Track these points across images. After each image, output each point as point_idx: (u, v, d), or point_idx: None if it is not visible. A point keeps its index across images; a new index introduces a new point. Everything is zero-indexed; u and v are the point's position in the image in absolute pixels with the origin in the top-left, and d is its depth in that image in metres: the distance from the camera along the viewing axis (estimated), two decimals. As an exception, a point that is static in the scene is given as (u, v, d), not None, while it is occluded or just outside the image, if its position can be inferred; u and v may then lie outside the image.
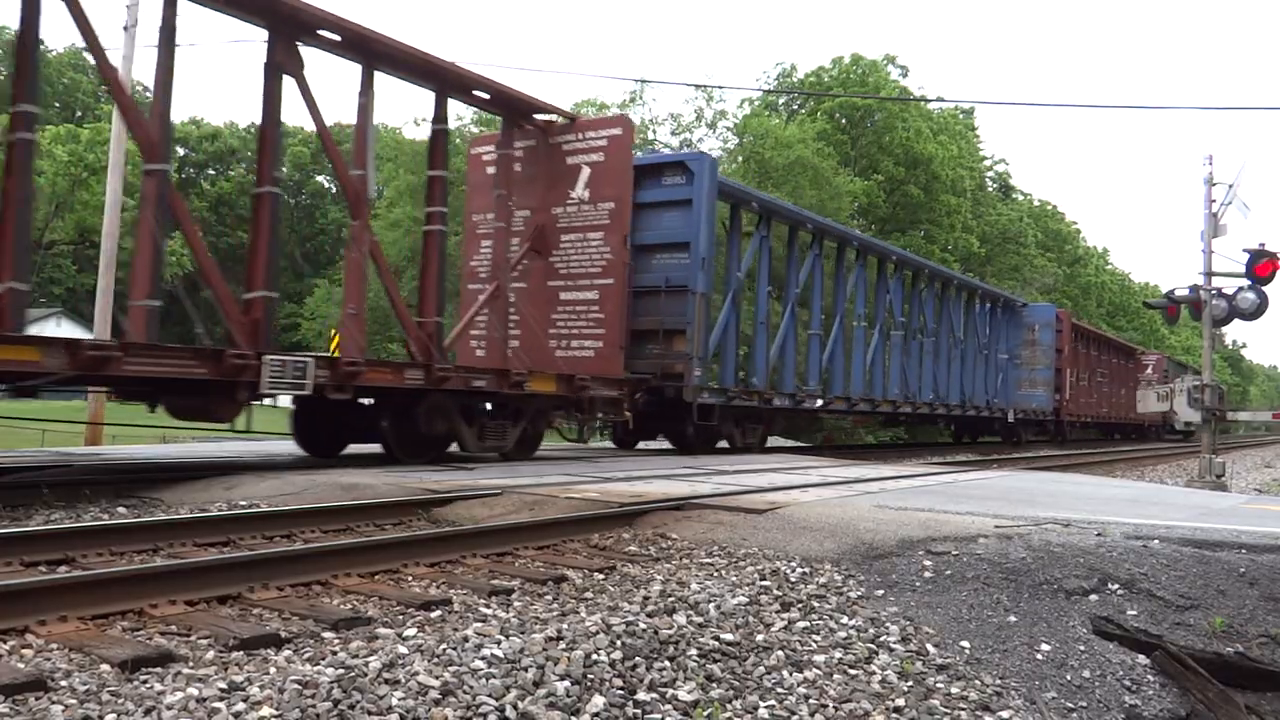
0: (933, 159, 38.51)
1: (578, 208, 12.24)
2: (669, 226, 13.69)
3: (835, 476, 9.54)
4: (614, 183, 12.06)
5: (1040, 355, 28.49)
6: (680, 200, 13.58)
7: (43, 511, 6.34)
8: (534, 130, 12.24)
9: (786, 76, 41.81)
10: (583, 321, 12.26)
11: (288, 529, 5.73)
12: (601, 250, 12.07)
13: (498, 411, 10.67)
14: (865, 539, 5.49)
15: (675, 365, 13.15)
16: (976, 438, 28.86)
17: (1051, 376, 28.59)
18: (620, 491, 7.28)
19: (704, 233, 13.48)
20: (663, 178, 13.91)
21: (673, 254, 13.62)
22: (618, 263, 11.99)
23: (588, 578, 4.78)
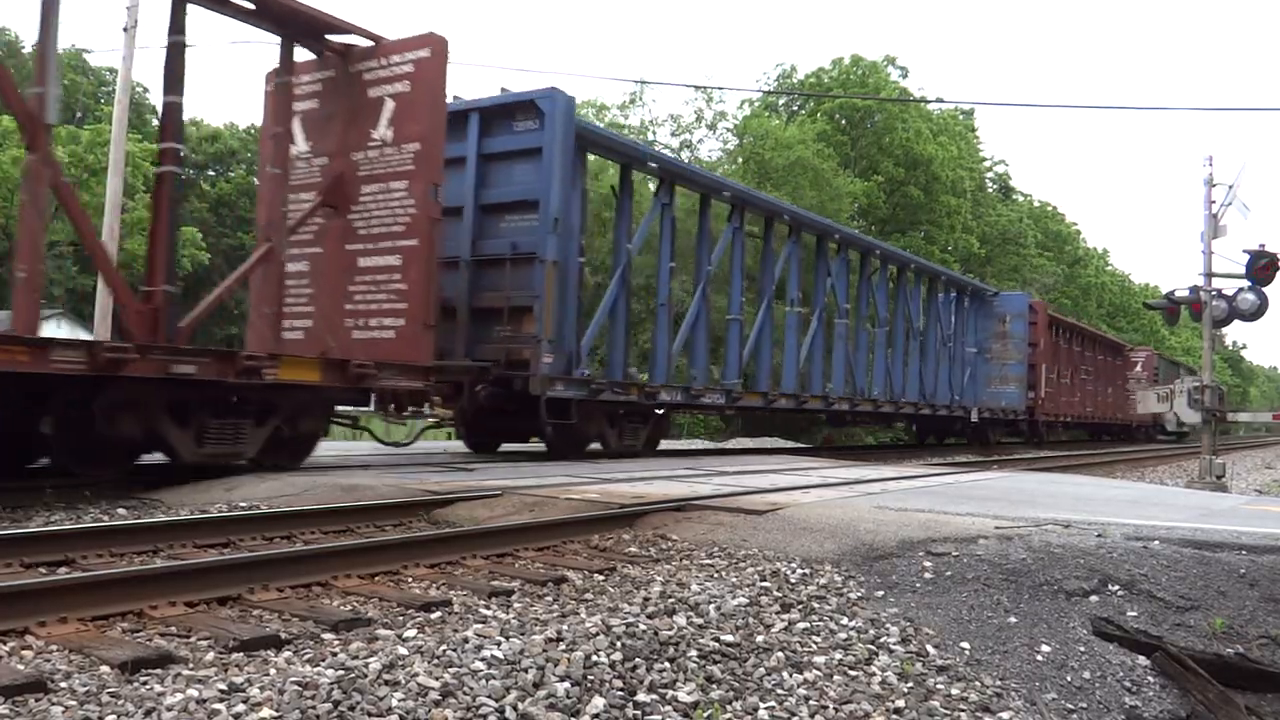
0: (933, 160, 38.53)
1: (379, 151, 9.61)
2: (520, 182, 11.51)
3: (836, 477, 9.54)
4: (420, 118, 9.44)
5: (1012, 349, 26.40)
6: (532, 149, 11.40)
7: (43, 512, 6.34)
8: (332, 57, 9.85)
9: (786, 77, 41.84)
10: (383, 294, 9.53)
11: (288, 530, 5.73)
12: (405, 204, 9.42)
13: (234, 408, 8.11)
14: (865, 540, 5.49)
15: (522, 350, 11.09)
16: (943, 439, 27.13)
17: (1025, 372, 26.49)
18: (621, 492, 7.28)
19: (556, 187, 11.20)
20: (514, 122, 11.70)
21: (523, 215, 11.47)
22: (423, 219, 9.31)
23: (588, 579, 4.78)
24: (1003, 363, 26.40)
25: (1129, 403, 37.80)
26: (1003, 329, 26.40)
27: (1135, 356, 41.14)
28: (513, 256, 11.34)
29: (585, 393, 11.60)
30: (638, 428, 12.99)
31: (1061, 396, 29.74)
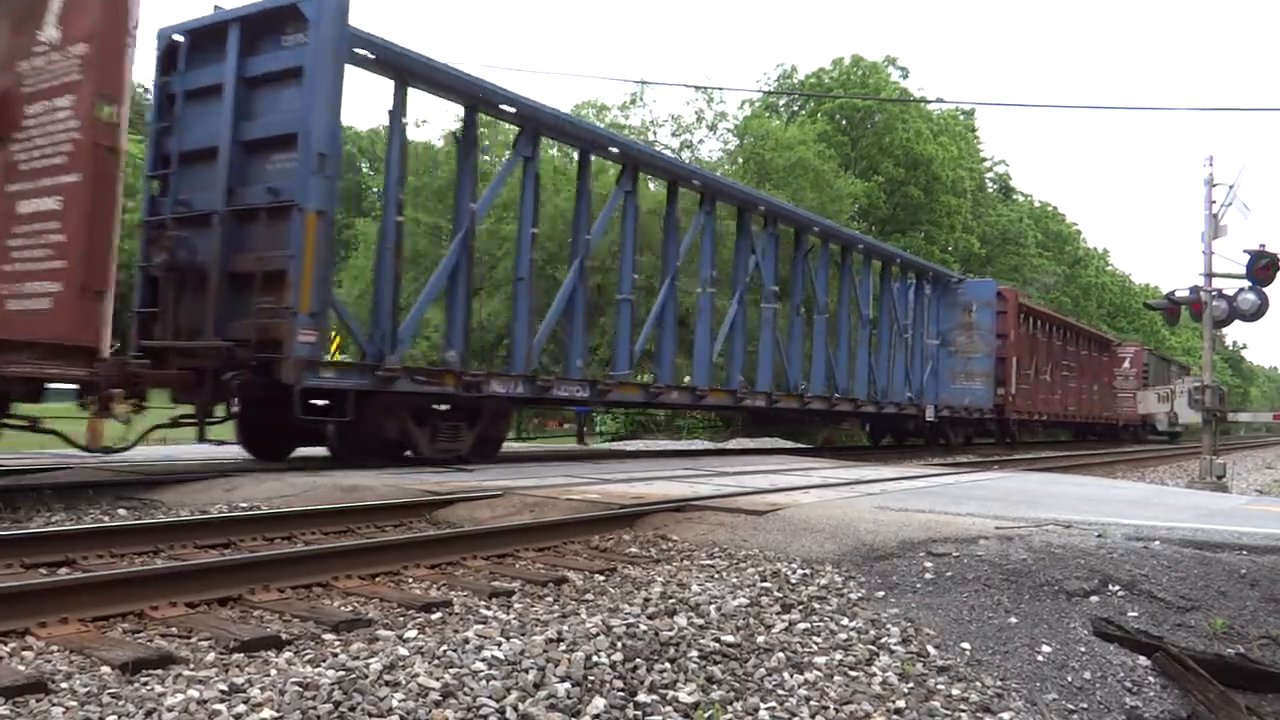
0: (933, 160, 38.51)
1: (46, 58, 7.10)
2: (286, 110, 9.10)
3: (836, 478, 9.54)
4: (92, 6, 7.02)
5: (978, 341, 23.60)
6: (296, 69, 9.03)
7: (43, 513, 6.35)
8: None
9: (787, 78, 41.83)
10: (40, 249, 6.95)
11: (288, 531, 5.73)
12: (68, 126, 6.90)
13: None
14: (866, 540, 5.49)
15: (277, 327, 8.62)
16: (901, 440, 24.74)
17: (992, 367, 23.79)
18: (621, 493, 7.28)
19: (322, 114, 8.83)
20: (282, 36, 9.26)
21: (288, 153, 9.07)
22: (87, 146, 6.85)
23: (588, 579, 4.78)
24: (968, 356, 23.69)
25: (1116, 401, 36.79)
26: (968, 319, 23.59)
27: (1123, 352, 39.17)
28: (269, 206, 8.90)
29: (369, 381, 9.34)
30: (458, 427, 10.61)
31: (1039, 394, 27.36)
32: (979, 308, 23.60)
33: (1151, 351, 43.34)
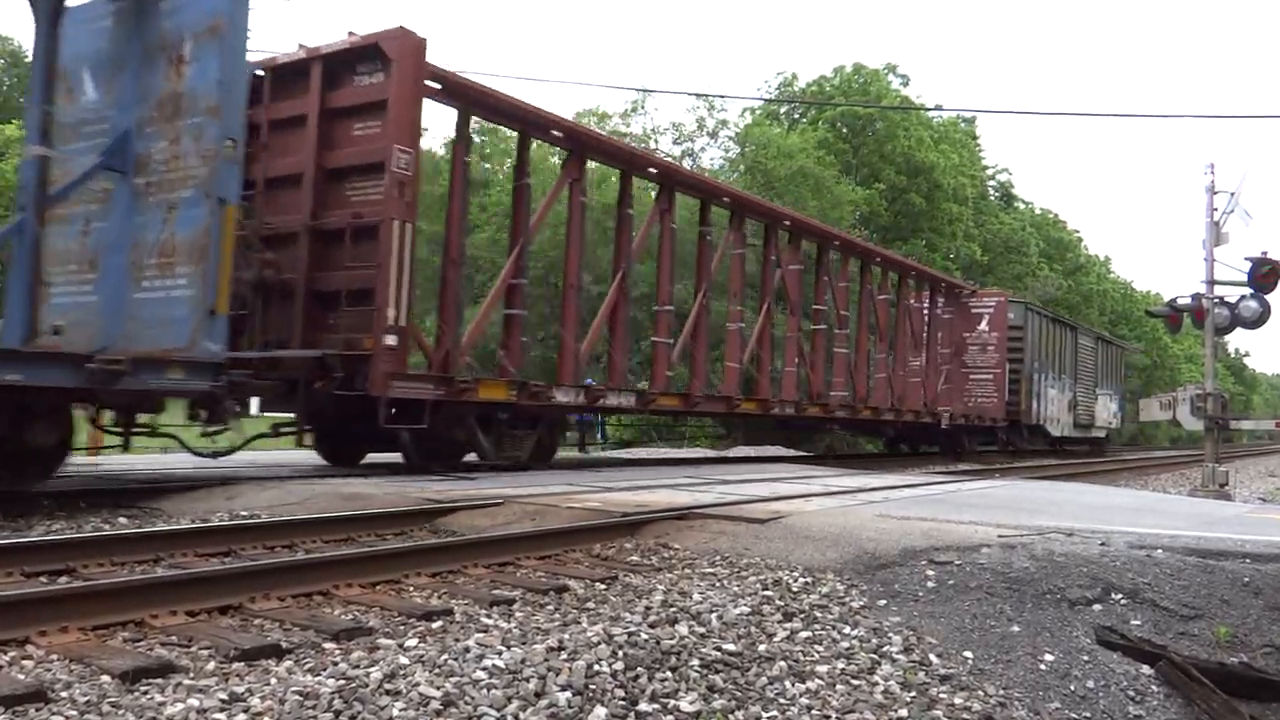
0: (934, 167, 38.55)
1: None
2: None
3: (838, 486, 9.53)
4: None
5: None
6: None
7: (44, 522, 6.34)
8: None
9: (788, 85, 41.89)
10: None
11: (289, 539, 5.73)
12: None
13: None
14: (868, 548, 5.48)
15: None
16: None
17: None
18: (622, 501, 7.27)
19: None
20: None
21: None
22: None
23: (589, 587, 4.77)
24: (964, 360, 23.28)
25: (964, 386, 23.80)
26: None
27: (979, 306, 24.43)
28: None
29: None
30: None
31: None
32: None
33: (1030, 306, 27.20)
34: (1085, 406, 30.96)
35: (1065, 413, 28.70)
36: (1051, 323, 28.27)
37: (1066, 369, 28.94)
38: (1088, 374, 31.40)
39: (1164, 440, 64.25)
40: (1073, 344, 29.76)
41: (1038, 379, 26.12)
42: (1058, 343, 28.23)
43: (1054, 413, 27.47)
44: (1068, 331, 29.70)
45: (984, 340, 24.14)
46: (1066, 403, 28.89)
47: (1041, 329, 26.61)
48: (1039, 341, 26.27)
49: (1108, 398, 34.08)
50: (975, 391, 24.09)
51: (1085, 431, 31.32)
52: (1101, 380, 33.31)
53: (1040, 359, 26.49)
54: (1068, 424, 28.89)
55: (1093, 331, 34.03)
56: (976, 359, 24.12)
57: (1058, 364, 28.16)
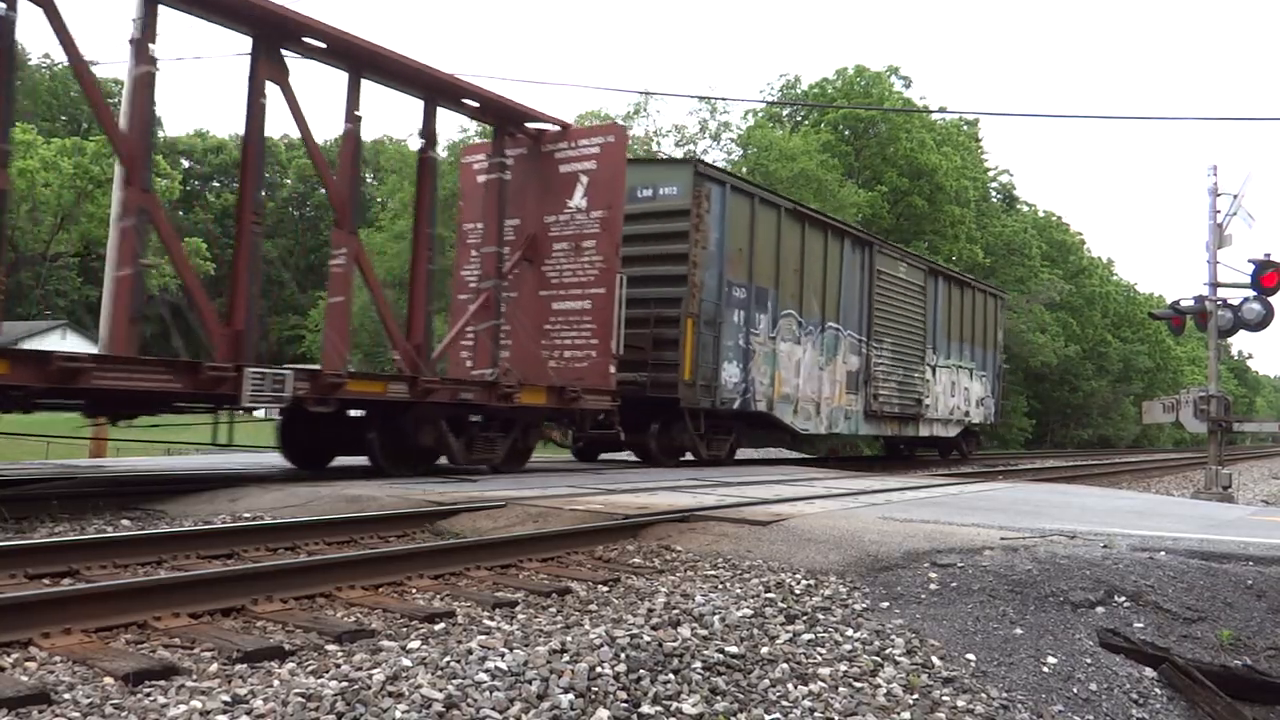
0: (936, 170, 38.55)
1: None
2: None
3: (840, 488, 9.52)
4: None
5: None
6: None
7: (47, 524, 6.35)
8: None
9: (790, 88, 41.92)
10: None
11: (292, 541, 5.73)
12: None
13: None
14: (870, 551, 5.47)
15: None
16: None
17: None
18: (625, 503, 7.27)
19: None
20: None
21: None
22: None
23: (592, 590, 4.77)
24: None
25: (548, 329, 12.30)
26: None
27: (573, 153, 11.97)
28: None
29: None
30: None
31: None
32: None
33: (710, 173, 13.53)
34: (905, 384, 18.68)
35: (840, 391, 16.60)
36: (787, 217, 14.78)
37: (844, 311, 16.54)
38: (910, 329, 18.76)
39: (1167, 443, 64.18)
40: (861, 269, 17.05)
41: (748, 321, 13.96)
42: (812, 260, 15.52)
43: (803, 389, 15.42)
44: (846, 245, 16.53)
45: (579, 226, 11.89)
46: (844, 374, 16.73)
47: (757, 225, 14.02)
48: (750, 247, 13.92)
49: (968, 374, 21.66)
50: (565, 339, 12.11)
51: (902, 427, 19.11)
52: (952, 343, 20.68)
53: (751, 282, 14.05)
54: (851, 411, 17.06)
55: (926, 263, 20.00)
56: (567, 269, 12.03)
57: (815, 300, 15.67)
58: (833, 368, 16.47)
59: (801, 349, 15.50)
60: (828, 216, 17.26)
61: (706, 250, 13.11)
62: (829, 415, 16.44)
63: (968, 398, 21.90)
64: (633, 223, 12.74)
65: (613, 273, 11.63)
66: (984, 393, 22.78)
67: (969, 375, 21.88)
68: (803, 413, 15.64)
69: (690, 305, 12.88)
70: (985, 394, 22.88)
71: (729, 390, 13.63)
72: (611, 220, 11.66)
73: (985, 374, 22.77)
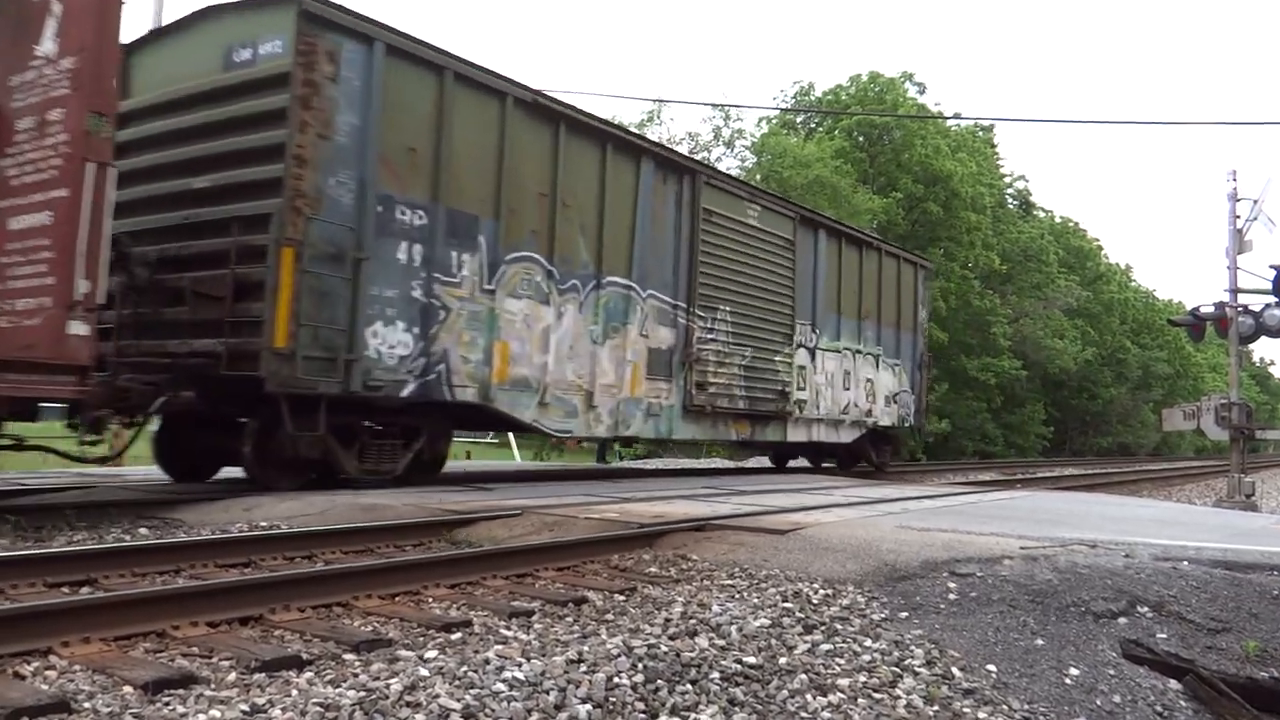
0: (951, 176, 38.41)
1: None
2: None
3: (858, 496, 9.48)
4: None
5: None
6: None
7: (66, 532, 6.38)
8: None
9: (804, 95, 41.88)
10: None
11: (308, 550, 5.74)
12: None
13: None
14: (888, 560, 5.44)
15: None
16: None
17: None
18: (640, 512, 7.25)
19: None
20: None
21: None
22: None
23: (608, 599, 4.75)
24: None
25: None
26: None
27: None
28: None
29: None
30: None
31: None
32: None
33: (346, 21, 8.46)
34: (758, 371, 13.71)
35: (634, 377, 11.58)
36: (520, 112, 10.10)
37: (640, 264, 11.65)
38: (768, 297, 13.94)
39: (1188, 450, 63.65)
40: (678, 207, 12.31)
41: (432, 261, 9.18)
42: (578, 184, 10.88)
43: (557, 371, 10.53)
44: (648, 170, 11.79)
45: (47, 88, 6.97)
46: (644, 352, 11.70)
47: (453, 115, 9.37)
48: (437, 149, 9.24)
49: (872, 361, 16.80)
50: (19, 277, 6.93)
51: (758, 429, 14.03)
52: (845, 320, 15.95)
53: (438, 203, 9.27)
54: (659, 405, 11.92)
55: (796, 209, 15.00)
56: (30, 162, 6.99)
57: (581, 242, 10.91)
58: (620, 343, 11.23)
59: (553, 311, 10.38)
60: (612, 126, 11.74)
61: (329, 142, 8.13)
62: (614, 410, 11.17)
63: (871, 392, 16.75)
64: (214, 104, 8.61)
65: (81, 162, 6.67)
66: (898, 387, 17.70)
67: (873, 363, 16.82)
68: (558, 405, 10.47)
69: (290, 228, 7.90)
70: (900, 388, 17.81)
71: (387, 367, 8.62)
72: (88, 72, 6.76)
73: (900, 363, 17.76)
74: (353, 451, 8.78)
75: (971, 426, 37.63)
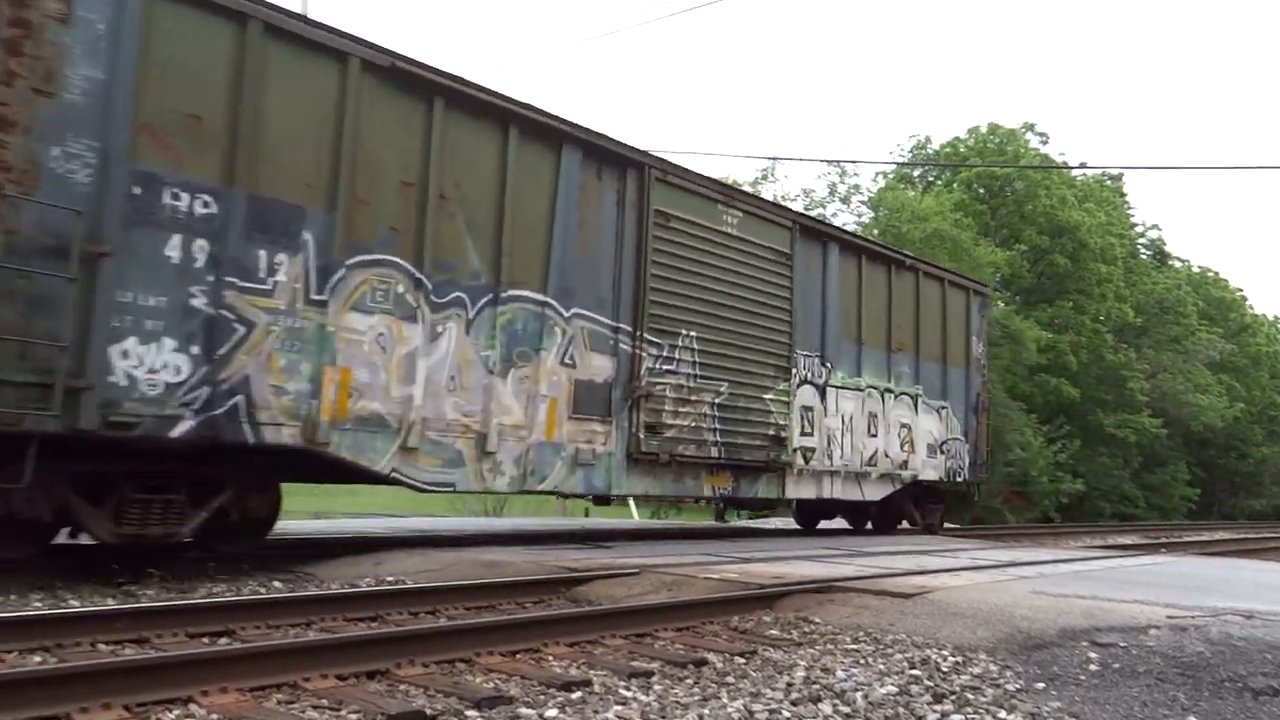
0: (1079, 227, 37.17)
1: None
2: None
3: (986, 559, 9.11)
4: None
5: None
6: None
7: (206, 584, 6.67)
8: None
9: (921, 148, 41.45)
10: None
11: (432, 605, 5.85)
12: None
13: None
14: (1022, 627, 5.19)
15: None
16: None
17: None
18: (760, 572, 7.14)
19: None
20: None
21: None
22: None
23: (729, 661, 4.67)
24: None
25: None
26: None
27: None
28: None
29: None
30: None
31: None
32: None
33: None
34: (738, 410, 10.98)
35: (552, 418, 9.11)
36: (370, 76, 7.88)
37: (562, 274, 9.27)
38: (756, 321, 11.35)
39: None
40: (619, 208, 10.01)
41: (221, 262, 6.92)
42: (459, 171, 8.54)
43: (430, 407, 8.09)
44: (570, 160, 9.45)
45: None
46: (568, 386, 9.29)
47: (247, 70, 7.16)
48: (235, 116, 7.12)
49: (909, 403, 14.14)
50: None
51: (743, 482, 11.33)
52: (870, 353, 13.34)
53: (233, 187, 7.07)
54: (591, 452, 9.42)
55: (794, 218, 12.46)
56: None
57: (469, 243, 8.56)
58: (531, 373, 8.88)
59: (424, 331, 8.10)
60: (517, 104, 8.92)
61: (53, 100, 6.28)
62: (521, 459, 8.76)
63: (908, 440, 14.02)
64: None
65: None
66: (944, 433, 14.81)
67: (909, 405, 14.07)
68: (432, 451, 8.09)
69: None
70: (948, 435, 14.91)
71: (145, 397, 6.51)
72: None
73: (946, 405, 14.89)
74: (106, 510, 6.66)
75: (1108, 486, 35.76)
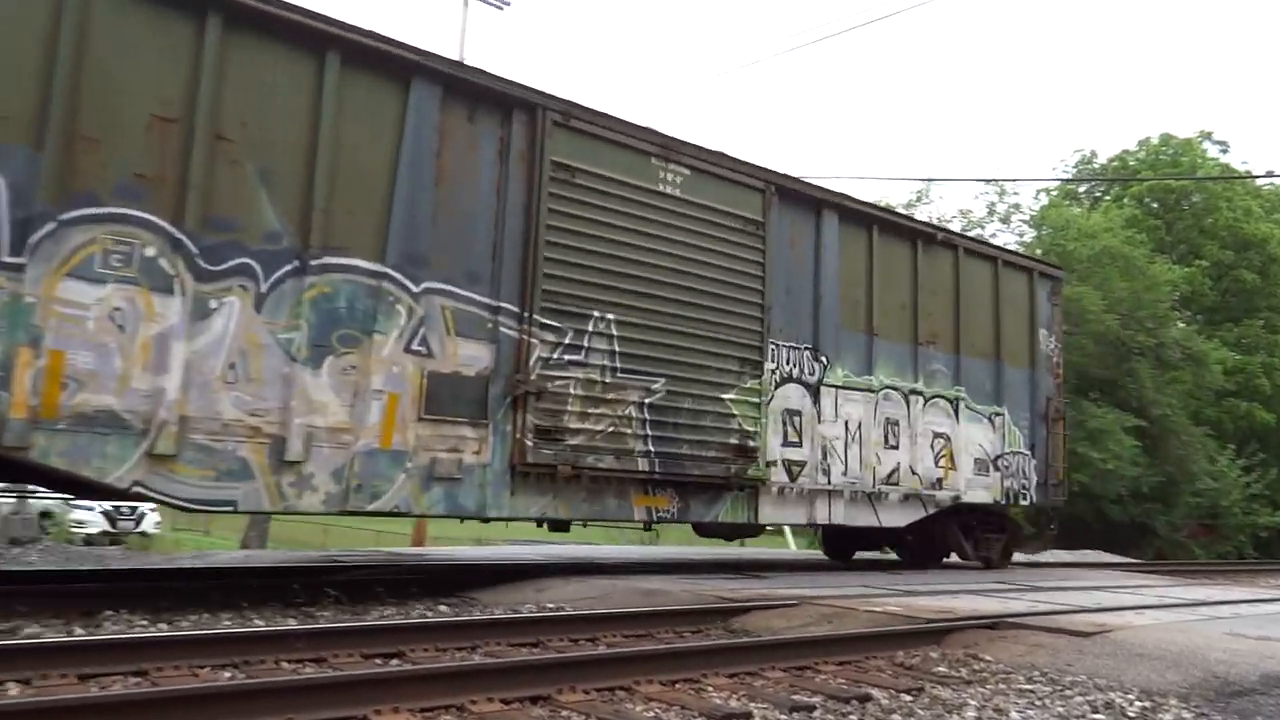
0: (1268, 240, 34.51)
1: None
2: None
3: (1174, 598, 8.49)
4: None
5: None
6: None
7: (377, 608, 6.96)
8: None
9: (1086, 163, 39.49)
10: None
11: (592, 633, 5.90)
12: None
13: None
14: (1218, 672, 4.79)
15: None
16: None
17: None
18: (924, 606, 6.88)
19: None
20: None
21: None
22: None
23: (894, 698, 4.50)
24: None
25: None
26: None
27: None
28: None
29: None
30: None
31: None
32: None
33: None
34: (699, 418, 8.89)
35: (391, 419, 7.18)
36: None
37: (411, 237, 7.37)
38: (708, 298, 9.12)
39: None
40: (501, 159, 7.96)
41: None
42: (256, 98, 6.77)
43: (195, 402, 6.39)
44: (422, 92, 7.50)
45: None
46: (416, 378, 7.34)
47: None
48: None
49: (948, 409, 11.56)
50: None
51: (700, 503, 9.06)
52: (887, 346, 10.95)
53: None
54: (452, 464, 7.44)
55: (765, 177, 9.79)
56: None
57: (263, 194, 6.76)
58: (361, 361, 7.10)
59: (185, 305, 6.42)
60: (336, 24, 7.03)
61: None
62: (344, 471, 6.96)
63: (946, 453, 11.46)
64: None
65: None
66: (1001, 446, 12.15)
67: (948, 411, 11.54)
68: (200, 459, 6.41)
69: None
70: (1006, 448, 12.26)
71: None
72: None
73: (1001, 412, 12.19)
74: None
75: (1322, 518, 32.75)
